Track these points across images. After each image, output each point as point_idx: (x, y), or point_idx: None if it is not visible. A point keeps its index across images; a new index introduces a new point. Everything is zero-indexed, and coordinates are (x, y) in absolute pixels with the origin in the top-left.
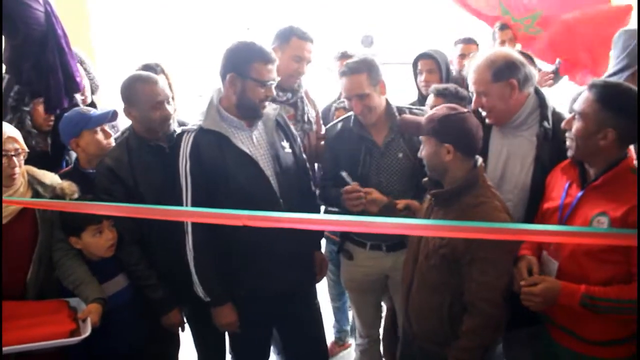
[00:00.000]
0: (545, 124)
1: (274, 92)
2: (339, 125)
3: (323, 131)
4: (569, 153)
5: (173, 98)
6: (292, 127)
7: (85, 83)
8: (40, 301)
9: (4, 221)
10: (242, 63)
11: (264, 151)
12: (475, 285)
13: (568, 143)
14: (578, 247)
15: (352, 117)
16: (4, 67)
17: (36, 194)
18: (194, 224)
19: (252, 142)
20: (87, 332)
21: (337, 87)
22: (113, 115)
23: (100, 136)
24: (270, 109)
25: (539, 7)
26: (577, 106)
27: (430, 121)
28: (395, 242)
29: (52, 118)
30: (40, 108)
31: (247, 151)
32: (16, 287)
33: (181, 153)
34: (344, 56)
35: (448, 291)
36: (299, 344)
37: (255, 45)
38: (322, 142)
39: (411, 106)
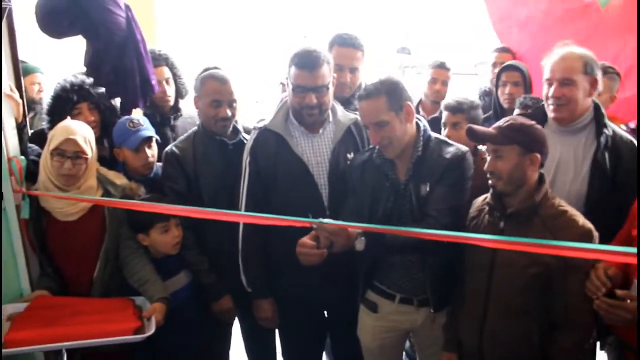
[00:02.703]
0: (607, 131)
1: (314, 100)
2: (366, 155)
3: None
4: None
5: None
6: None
7: (171, 86)
8: (108, 299)
9: (75, 217)
10: (288, 68)
11: (322, 159)
12: (574, 298)
13: None
14: None
15: (378, 148)
16: (85, 69)
17: (107, 194)
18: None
19: (311, 148)
20: (151, 330)
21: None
22: (148, 139)
23: (139, 154)
24: (345, 117)
25: None
26: None
27: (514, 130)
28: (433, 296)
29: (94, 125)
30: (81, 117)
31: (301, 156)
32: (83, 284)
33: (246, 146)
34: (442, 67)
35: (537, 313)
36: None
37: (299, 51)
38: None
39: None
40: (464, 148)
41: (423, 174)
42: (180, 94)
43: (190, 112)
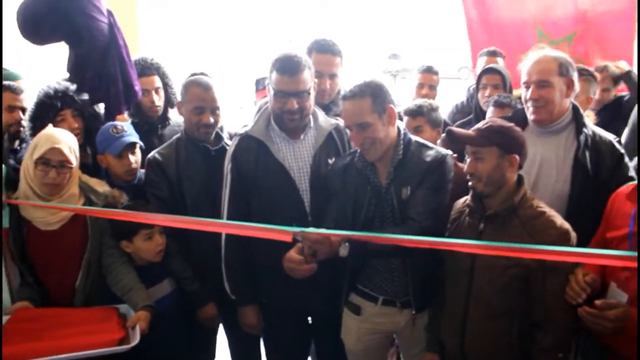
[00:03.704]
0: (585, 130)
1: (295, 105)
2: (347, 159)
3: None
4: None
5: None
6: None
7: (160, 96)
8: (91, 308)
9: (56, 226)
10: (269, 72)
11: (303, 164)
12: (552, 297)
13: None
14: None
15: (359, 151)
16: (67, 75)
17: (89, 202)
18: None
19: (292, 154)
20: (135, 340)
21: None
22: (131, 145)
23: (122, 160)
24: (326, 122)
25: (573, 28)
26: None
27: (493, 132)
28: (415, 298)
29: (77, 132)
30: (64, 124)
31: (282, 162)
32: (65, 293)
33: (227, 153)
34: (429, 71)
35: (515, 313)
36: None
37: (280, 56)
38: None
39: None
40: (444, 151)
41: (404, 177)
42: (170, 103)
43: (179, 120)
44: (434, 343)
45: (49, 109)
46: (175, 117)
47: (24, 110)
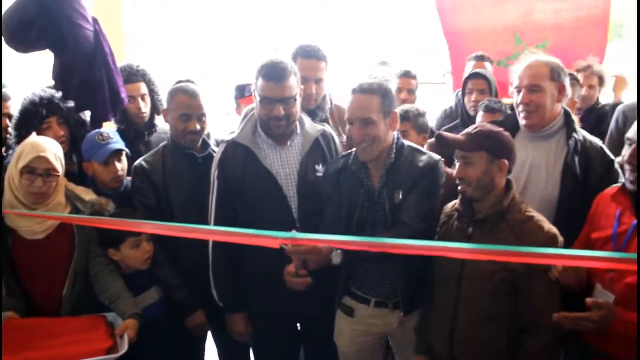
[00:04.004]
0: (576, 135)
1: (281, 112)
2: (341, 162)
3: None
4: (629, 185)
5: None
6: (339, 151)
7: (147, 103)
8: (78, 317)
9: (43, 235)
10: (255, 79)
11: (290, 171)
12: (539, 301)
13: (630, 175)
14: (635, 278)
15: (353, 154)
16: (52, 82)
17: (75, 210)
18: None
19: (280, 160)
20: (124, 349)
21: None
22: (117, 152)
23: (108, 168)
24: (313, 128)
25: (549, 35)
26: None
27: (482, 137)
28: (404, 300)
29: (63, 140)
30: (50, 132)
31: (269, 169)
32: (52, 302)
33: (214, 160)
34: (407, 75)
35: (504, 317)
36: None
37: (266, 62)
38: None
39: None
40: (437, 156)
41: (396, 181)
42: (156, 110)
43: (165, 127)
44: (422, 345)
45: (35, 116)
46: (162, 124)
47: (10, 117)
